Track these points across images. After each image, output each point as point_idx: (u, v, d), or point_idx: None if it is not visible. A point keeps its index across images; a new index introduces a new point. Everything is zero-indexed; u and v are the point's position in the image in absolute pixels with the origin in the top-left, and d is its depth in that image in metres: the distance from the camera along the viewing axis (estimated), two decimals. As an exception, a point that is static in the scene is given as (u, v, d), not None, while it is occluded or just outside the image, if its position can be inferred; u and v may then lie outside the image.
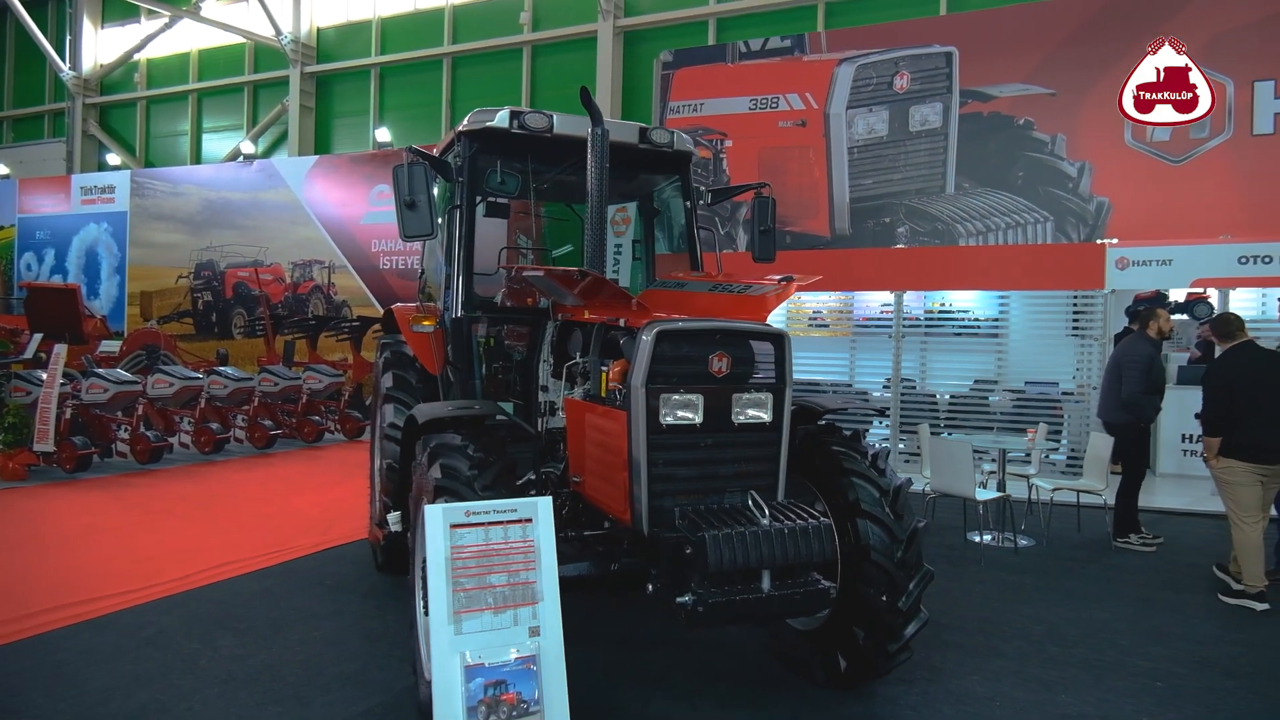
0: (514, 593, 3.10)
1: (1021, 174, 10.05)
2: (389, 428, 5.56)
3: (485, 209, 5.63)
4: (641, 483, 3.50)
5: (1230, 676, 4.55)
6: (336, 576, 5.99)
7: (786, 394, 3.75)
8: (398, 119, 19.01)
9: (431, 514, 3.05)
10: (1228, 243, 8.97)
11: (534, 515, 3.21)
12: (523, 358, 5.40)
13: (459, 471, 3.52)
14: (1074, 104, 9.77)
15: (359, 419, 12.78)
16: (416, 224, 4.58)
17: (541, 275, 4.38)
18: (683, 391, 3.57)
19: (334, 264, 17.12)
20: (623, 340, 3.89)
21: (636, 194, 6.36)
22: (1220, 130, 9.12)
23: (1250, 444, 5.69)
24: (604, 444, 3.82)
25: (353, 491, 8.90)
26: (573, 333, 4.71)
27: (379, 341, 6.28)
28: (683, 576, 3.27)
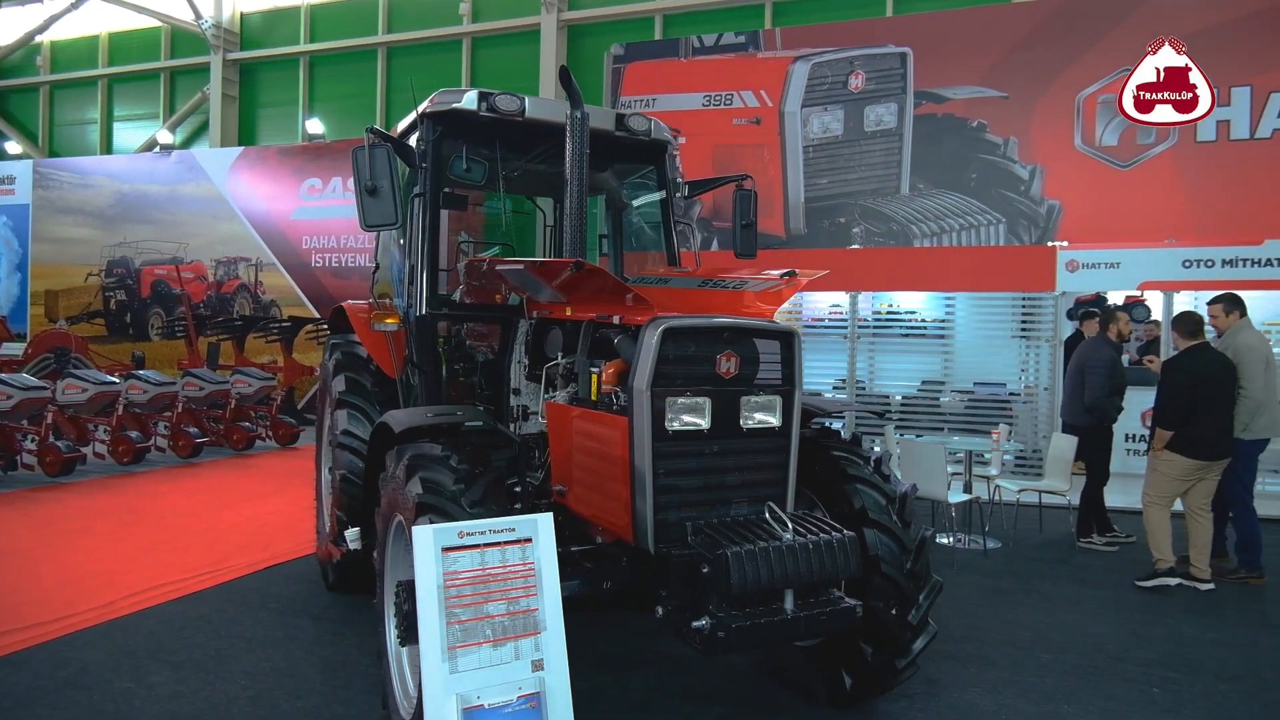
0: (514, 622, 2.75)
1: (975, 176, 10.12)
2: (343, 435, 5.10)
3: (442, 200, 5.26)
4: (646, 495, 3.19)
5: (1222, 680, 4.50)
6: (282, 598, 5.48)
7: (796, 396, 3.50)
8: (329, 110, 18.18)
9: (421, 536, 2.68)
10: (1172, 246, 9.18)
11: (534, 534, 2.86)
12: (487, 358, 5.03)
13: (443, 486, 3.15)
14: (1026, 107, 9.88)
15: (293, 425, 12.08)
16: (379, 212, 4.17)
17: (520, 269, 4.03)
18: (689, 394, 3.28)
19: (261, 261, 16.25)
20: (617, 339, 3.57)
21: (604, 186, 6.04)
22: (1166, 137, 9.33)
23: (1195, 441, 5.95)
24: (597, 452, 3.49)
25: (291, 503, 8.31)
26: (550, 331, 4.37)
27: (327, 342, 5.80)
28: (699, 598, 2.97)
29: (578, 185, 4.31)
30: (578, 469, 3.70)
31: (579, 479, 3.68)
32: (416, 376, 4.85)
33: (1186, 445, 5.99)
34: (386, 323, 4.70)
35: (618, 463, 3.34)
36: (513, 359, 4.74)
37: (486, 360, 5.02)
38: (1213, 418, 5.96)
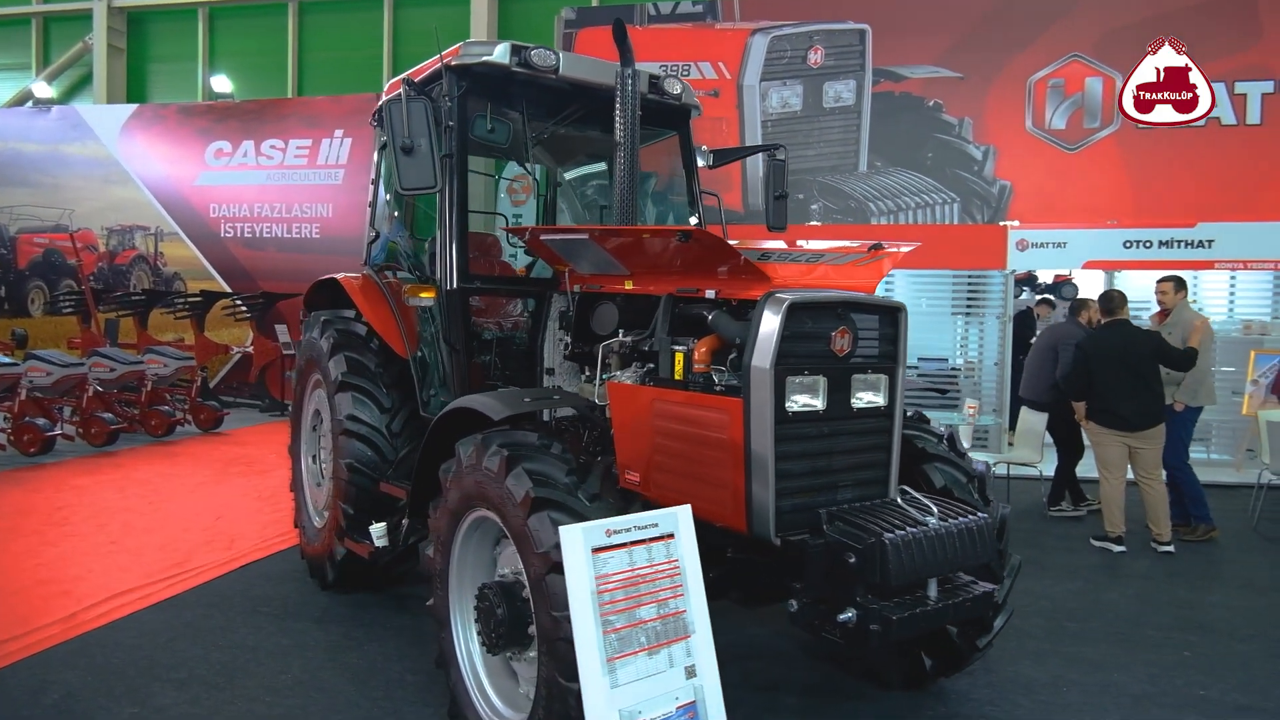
0: (665, 627, 2.50)
1: (931, 155, 10.30)
2: (350, 422, 4.64)
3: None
4: (767, 482, 2.97)
5: (1238, 640, 4.71)
6: (273, 601, 4.98)
7: (900, 374, 3.36)
8: (236, 68, 16.78)
9: (570, 538, 2.38)
10: (1114, 228, 9.62)
11: (675, 529, 2.61)
12: (496, 336, 4.68)
13: (554, 479, 2.84)
14: (980, 88, 10.11)
15: (216, 409, 11.15)
16: (416, 174, 3.75)
17: (581, 239, 3.71)
18: (807, 373, 3.08)
19: (162, 231, 14.91)
20: (712, 314, 3.32)
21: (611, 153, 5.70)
22: (1110, 122, 9.75)
23: (1111, 413, 6.33)
24: (694, 437, 3.24)
25: (240, 494, 7.65)
26: (600, 306, 4.07)
27: (311, 319, 5.25)
28: (843, 590, 2.79)
29: (630, 149, 4.02)
30: (660, 454, 3.44)
31: (662, 464, 3.42)
32: (443, 356, 4.45)
33: (1100, 415, 6.41)
34: (422, 297, 4.26)
35: (726, 447, 3.10)
36: (546, 337, 4.41)
37: (499, 338, 4.67)
38: (1116, 391, 6.31)
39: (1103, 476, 6.51)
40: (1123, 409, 6.28)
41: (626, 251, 3.70)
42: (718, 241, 3.08)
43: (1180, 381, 6.56)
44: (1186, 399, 6.59)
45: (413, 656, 4.20)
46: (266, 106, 14.76)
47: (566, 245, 4.01)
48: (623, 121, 4.03)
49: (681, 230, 3.09)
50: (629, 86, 4.04)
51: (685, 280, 3.53)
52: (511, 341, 4.69)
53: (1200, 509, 6.72)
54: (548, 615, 2.64)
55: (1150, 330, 6.70)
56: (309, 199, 14.11)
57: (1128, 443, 6.37)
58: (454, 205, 4.20)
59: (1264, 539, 6.90)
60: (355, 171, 13.88)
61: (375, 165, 5.30)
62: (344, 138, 13.98)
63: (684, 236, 3.10)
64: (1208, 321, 7.00)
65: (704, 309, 3.43)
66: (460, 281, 4.19)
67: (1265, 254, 9.24)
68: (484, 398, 3.29)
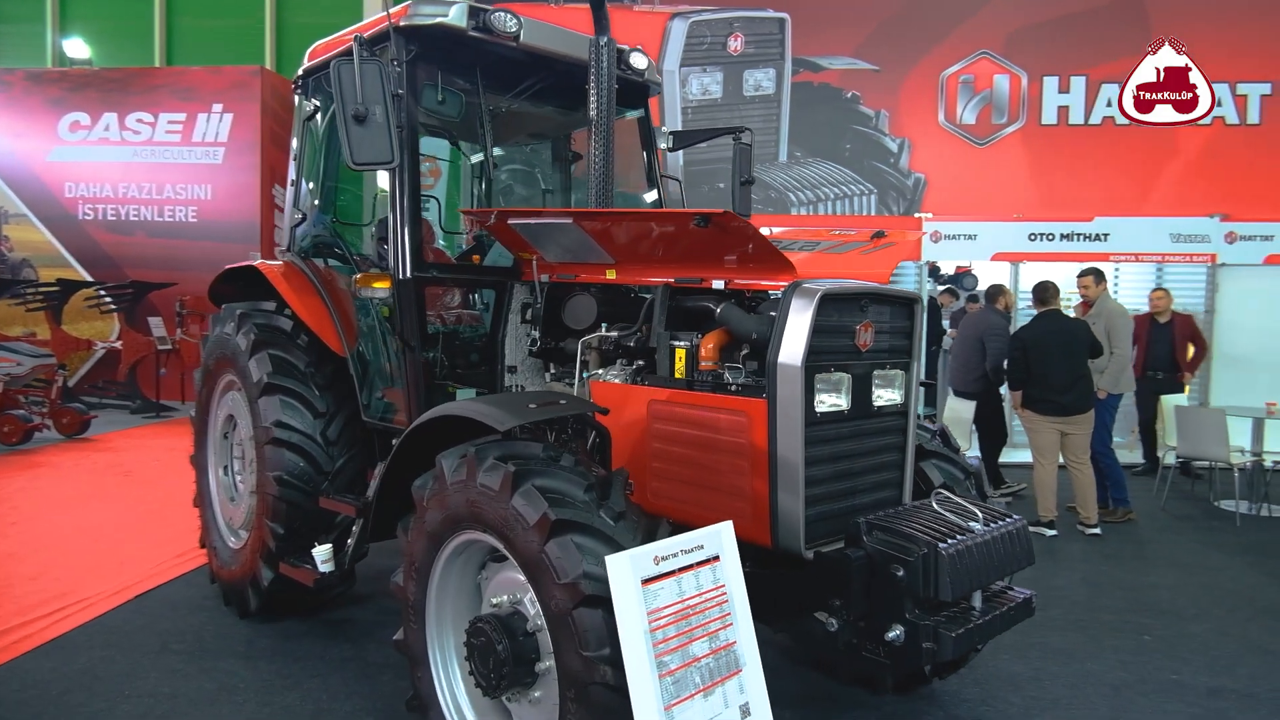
0: (718, 663, 2.20)
1: (849, 146, 10.37)
2: (279, 429, 4.09)
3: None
4: (797, 490, 2.71)
5: (1187, 620, 4.86)
6: (185, 636, 4.34)
7: (914, 370, 3.17)
8: (92, 31, 15.11)
9: (619, 569, 2.04)
10: (1019, 221, 9.97)
11: (719, 550, 2.31)
12: (439, 330, 4.25)
13: (572, 497, 2.47)
14: (896, 81, 10.25)
15: (82, 412, 9.96)
16: (371, 145, 3.26)
17: (567, 223, 3.34)
18: (833, 370, 2.84)
19: (7, 212, 13.26)
20: (721, 306, 3.04)
21: (557, 132, 5.33)
22: (1016, 118, 10.10)
23: (1045, 400, 6.51)
24: (706, 443, 2.96)
25: (121, 508, 6.80)
26: (574, 298, 3.71)
27: (229, 313, 4.62)
28: (891, 606, 2.57)
29: (606, 127, 3.71)
30: (659, 461, 3.14)
31: (662, 472, 3.12)
32: (389, 354, 3.97)
33: (1038, 404, 6.58)
34: (375, 287, 3.75)
35: (745, 453, 2.83)
36: (508, 331, 4.00)
37: (447, 333, 4.23)
38: (1049, 378, 6.52)
39: (1037, 463, 6.66)
40: (1060, 396, 6.43)
41: (614, 237, 3.35)
42: (744, 226, 2.78)
43: (1104, 370, 6.80)
44: (1109, 386, 6.85)
45: (364, 694, 3.72)
46: (132, 76, 13.33)
47: (537, 230, 3.63)
48: (598, 97, 3.70)
49: (699, 214, 2.78)
50: (604, 59, 3.70)
51: (684, 269, 3.22)
52: (461, 336, 4.25)
53: (1120, 492, 7.01)
54: (576, 656, 2.28)
55: (1081, 320, 6.90)
56: (184, 179, 12.87)
57: (1061, 429, 6.54)
58: (406, 185, 3.73)
59: (1174, 518, 7.27)
60: (238, 151, 12.76)
61: (298, 140, 4.70)
62: (224, 113, 12.81)
63: (702, 220, 2.78)
64: (1127, 312, 7.32)
65: (708, 301, 3.14)
66: (414, 270, 3.73)
67: (1152, 248, 9.79)
68: (477, 404, 2.87)
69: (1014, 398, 6.78)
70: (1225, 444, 6.95)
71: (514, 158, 5.57)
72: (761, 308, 3.08)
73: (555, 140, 5.42)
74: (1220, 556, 6.18)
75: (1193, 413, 7.31)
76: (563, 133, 5.33)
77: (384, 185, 4.97)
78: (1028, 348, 6.50)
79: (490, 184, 5.39)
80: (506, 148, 5.20)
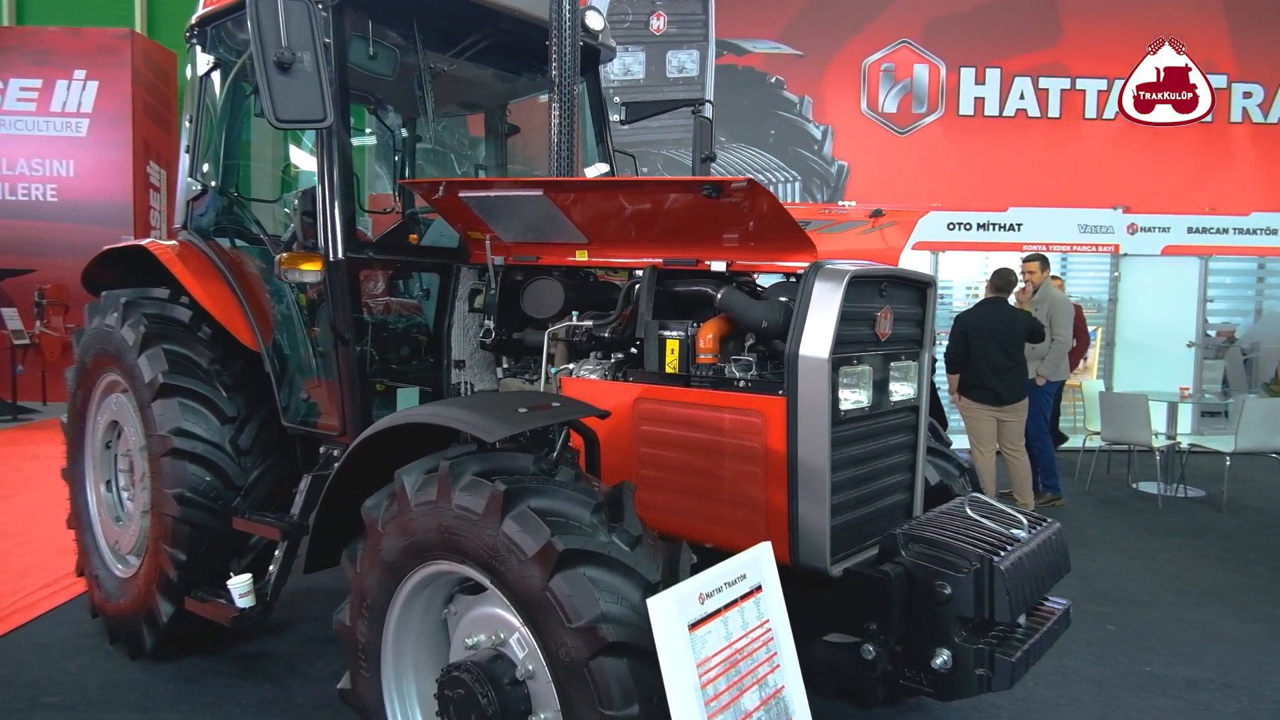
0: (768, 714, 1.84)
1: (773, 132, 10.19)
2: (178, 438, 3.47)
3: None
4: (823, 500, 2.38)
5: (1141, 606, 4.87)
6: (62, 685, 3.65)
7: (925, 360, 2.90)
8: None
9: (663, 612, 1.65)
10: (939, 210, 10.05)
11: (761, 579, 1.95)
12: (373, 320, 3.73)
13: (578, 520, 2.05)
14: (819, 68, 10.13)
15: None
16: (299, 99, 2.73)
17: (537, 195, 2.89)
18: (856, 363, 2.52)
19: None
20: (722, 292, 2.67)
21: (494, 101, 4.85)
22: (935, 108, 10.17)
23: (981, 387, 6.52)
24: (709, 446, 2.59)
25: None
26: (535, 283, 3.27)
27: (111, 302, 3.91)
28: (936, 628, 2.27)
29: (568, 87, 3.29)
30: (649, 467, 2.75)
31: (655, 481, 2.73)
32: (315, 348, 3.42)
33: (975, 391, 6.58)
34: (304, 269, 3.18)
35: (758, 458, 2.48)
36: (454, 321, 3.52)
37: (373, 322, 3.71)
38: (991, 367, 6.52)
39: (975, 450, 6.63)
40: (996, 384, 6.41)
41: (589, 212, 2.93)
42: (767, 198, 2.41)
43: (1044, 356, 6.83)
44: (1049, 373, 6.89)
45: (293, 745, 3.18)
46: (-25, 36, 11.79)
47: (494, 205, 3.16)
48: (559, 53, 3.26)
49: (711, 183, 2.39)
50: (565, 7, 3.26)
51: (673, 248, 2.84)
52: (396, 327, 3.73)
53: (1051, 479, 7.09)
54: (595, 714, 1.87)
55: (1022, 309, 6.87)
56: (41, 153, 11.47)
57: (997, 417, 6.53)
58: (338, 150, 3.19)
59: (1100, 501, 7.43)
60: (105, 123, 11.48)
61: (193, 100, 4.04)
62: (87, 80, 11.48)
63: (713, 191, 2.39)
64: (1069, 299, 7.39)
65: (704, 284, 2.77)
66: (348, 250, 3.19)
67: (1061, 238, 10.07)
68: (452, 408, 2.38)
69: (950, 383, 6.73)
70: (1148, 428, 7.13)
71: (424, 134, 5.03)
72: (766, 291, 2.73)
73: (490, 111, 4.93)
74: (1154, 540, 6.30)
75: (1116, 398, 7.48)
76: (500, 102, 4.85)
77: (299, 159, 4.39)
78: (969, 332, 6.45)
79: (413, 158, 4.86)
80: (430, 119, 4.66)
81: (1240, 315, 10.73)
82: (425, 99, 3.71)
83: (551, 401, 2.36)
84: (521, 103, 5.02)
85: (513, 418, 2.19)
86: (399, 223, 4.43)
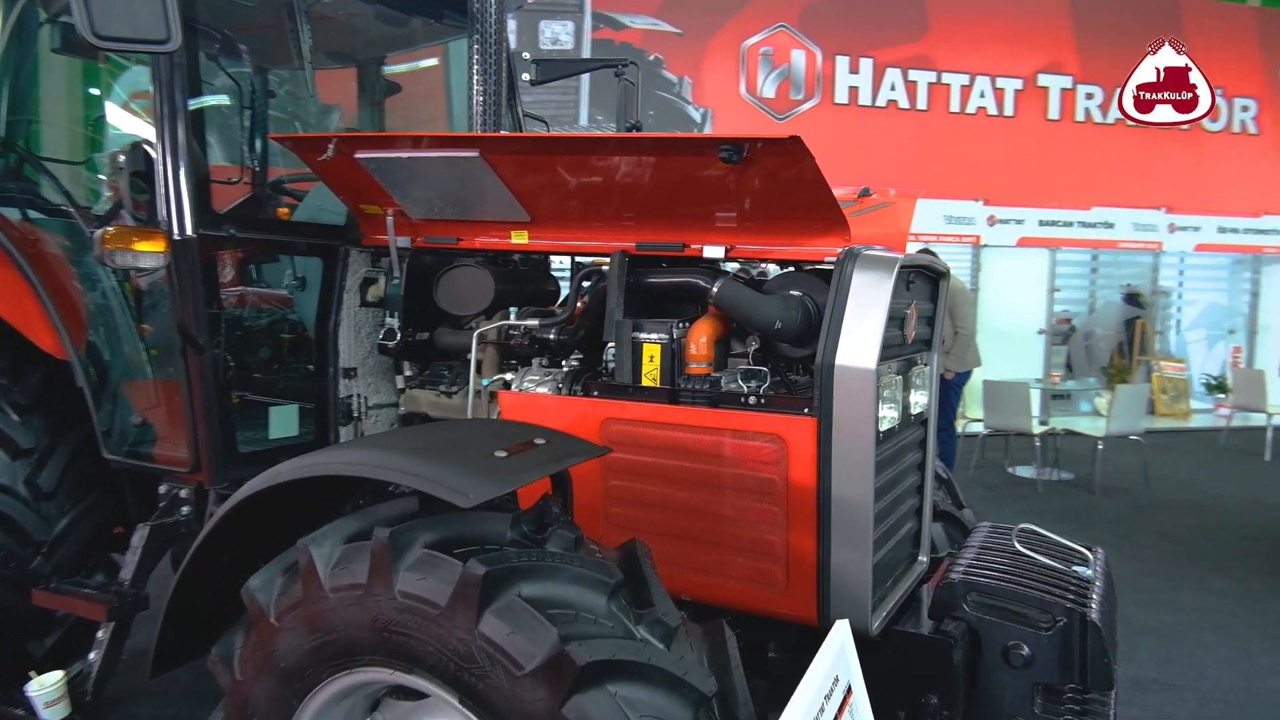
0: None
1: (652, 113, 9.70)
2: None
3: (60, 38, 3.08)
4: (864, 543, 1.91)
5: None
6: None
7: (935, 363, 2.50)
8: None
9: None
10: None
11: (848, 675, 1.43)
12: (235, 317, 2.94)
13: (590, 610, 1.44)
14: (698, 48, 9.73)
15: None
16: (130, 11, 1.93)
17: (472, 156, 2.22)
18: (891, 371, 2.06)
19: None
20: (719, 284, 2.13)
21: (369, 53, 4.07)
22: (812, 95, 10.05)
23: None
24: (708, 479, 2.06)
25: None
26: (452, 270, 2.61)
27: None
28: (1009, 697, 1.85)
29: (496, 30, 2.67)
30: (624, 505, 2.20)
31: (629, 522, 2.18)
32: (146, 355, 2.58)
33: None
34: (137, 249, 2.31)
35: (779, 494, 1.97)
36: (342, 319, 2.78)
37: (234, 319, 2.91)
38: None
39: None
40: None
41: (538, 181, 2.30)
42: (807, 164, 1.87)
43: (949, 350, 6.74)
44: (955, 365, 6.79)
45: None
46: None
47: (402, 170, 2.45)
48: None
49: (729, 142, 1.82)
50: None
51: (650, 229, 2.26)
52: (259, 326, 2.93)
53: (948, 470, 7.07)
54: None
55: None
56: None
57: None
58: (184, 89, 2.36)
59: (984, 488, 7.53)
60: None
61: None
62: None
63: (732, 153, 1.83)
64: (968, 289, 7.33)
65: (693, 275, 2.22)
66: (202, 226, 2.38)
67: (928, 228, 10.27)
68: (400, 457, 1.64)
69: None
70: (1029, 415, 7.28)
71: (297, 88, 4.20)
72: (769, 284, 2.22)
73: (363, 65, 4.14)
74: (1045, 526, 6.36)
75: (999, 387, 7.60)
76: (377, 54, 4.07)
77: (117, 117, 3.42)
78: None
79: (264, 120, 3.98)
80: (308, 62, 3.81)
81: (1082, 304, 11.44)
82: (299, 37, 2.92)
83: (533, 437, 1.72)
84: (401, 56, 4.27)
85: (492, 467, 1.54)
86: (248, 195, 3.60)
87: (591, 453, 1.80)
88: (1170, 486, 7.59)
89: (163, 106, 2.37)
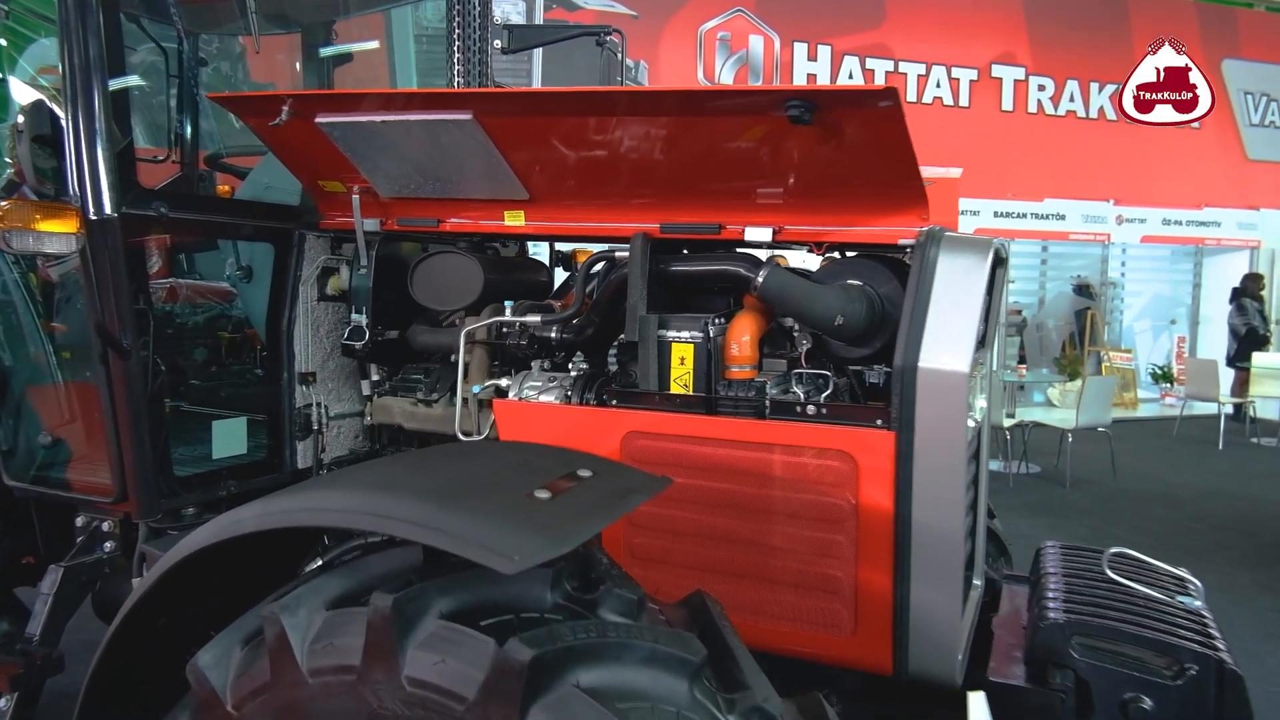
0: None
1: (607, 98, 9.34)
2: None
3: None
4: (953, 582, 1.61)
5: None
6: None
7: (990, 361, 2.22)
8: None
9: None
10: (774, 188, 9.76)
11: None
12: (154, 312, 2.50)
13: (672, 700, 1.09)
14: (655, 31, 9.40)
15: None
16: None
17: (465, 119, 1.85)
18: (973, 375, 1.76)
19: None
20: (764, 273, 1.80)
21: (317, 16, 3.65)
22: (770, 82, 9.82)
23: None
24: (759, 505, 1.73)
25: None
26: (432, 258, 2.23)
27: None
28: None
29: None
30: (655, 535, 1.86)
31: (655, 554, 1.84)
32: (54, 360, 2.13)
33: None
34: (41, 229, 1.85)
35: (846, 521, 1.66)
36: (297, 314, 2.37)
37: (164, 315, 2.47)
38: None
39: None
40: None
41: (541, 150, 1.93)
42: (896, 126, 1.54)
43: None
44: None
45: None
46: None
47: (373, 137, 2.05)
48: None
49: (798, 96, 1.48)
50: None
51: (677, 208, 1.91)
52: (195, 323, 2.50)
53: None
54: None
55: None
56: None
57: None
58: (103, 38, 1.92)
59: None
60: None
61: None
62: None
63: (803, 112, 1.49)
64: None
65: (732, 263, 1.88)
66: (127, 203, 1.94)
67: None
68: (411, 502, 1.22)
69: None
70: (1000, 408, 7.18)
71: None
72: (819, 273, 1.90)
73: (308, 28, 3.72)
74: (1023, 520, 6.26)
75: (967, 380, 7.48)
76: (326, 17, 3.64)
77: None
78: None
79: (195, 79, 3.50)
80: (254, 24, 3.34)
81: (1032, 296, 11.52)
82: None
83: (575, 467, 1.35)
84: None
85: (538, 514, 1.17)
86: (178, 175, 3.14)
87: (656, 486, 1.45)
88: (1134, 477, 7.59)
89: (73, 62, 1.92)
